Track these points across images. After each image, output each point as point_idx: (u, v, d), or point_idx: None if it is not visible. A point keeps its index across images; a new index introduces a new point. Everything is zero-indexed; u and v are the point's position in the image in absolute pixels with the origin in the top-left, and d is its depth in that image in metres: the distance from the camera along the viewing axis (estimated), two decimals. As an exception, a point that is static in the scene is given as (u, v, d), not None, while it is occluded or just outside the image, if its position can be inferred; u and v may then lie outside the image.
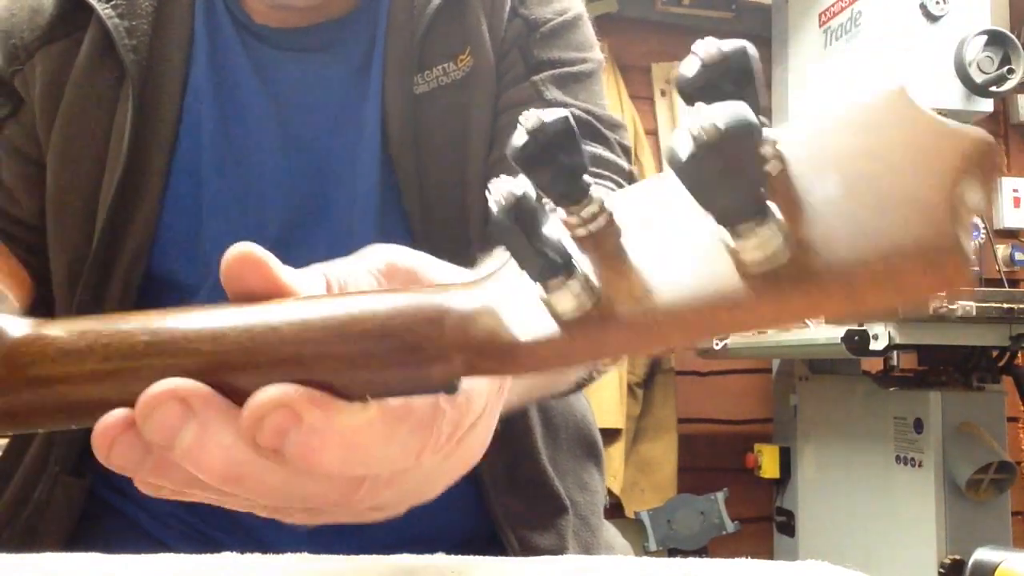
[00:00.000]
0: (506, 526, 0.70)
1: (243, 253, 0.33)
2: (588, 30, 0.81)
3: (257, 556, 0.46)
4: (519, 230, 0.26)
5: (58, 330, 0.33)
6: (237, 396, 0.31)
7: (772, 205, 0.23)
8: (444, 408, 0.31)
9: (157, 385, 0.30)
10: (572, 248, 0.27)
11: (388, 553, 0.48)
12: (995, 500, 1.92)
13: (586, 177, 0.27)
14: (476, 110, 0.73)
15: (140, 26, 0.72)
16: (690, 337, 0.25)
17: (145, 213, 0.70)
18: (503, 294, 0.31)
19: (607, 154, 0.75)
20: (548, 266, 0.27)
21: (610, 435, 2.36)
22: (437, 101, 0.72)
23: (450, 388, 0.31)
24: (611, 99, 2.39)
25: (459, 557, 0.47)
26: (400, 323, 0.30)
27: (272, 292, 0.33)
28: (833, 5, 2.34)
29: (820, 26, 2.40)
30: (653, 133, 2.74)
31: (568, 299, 0.27)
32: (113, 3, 0.72)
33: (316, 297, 0.33)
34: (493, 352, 0.29)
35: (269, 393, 0.30)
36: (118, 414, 0.31)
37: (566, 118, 0.26)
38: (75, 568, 0.46)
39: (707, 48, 0.24)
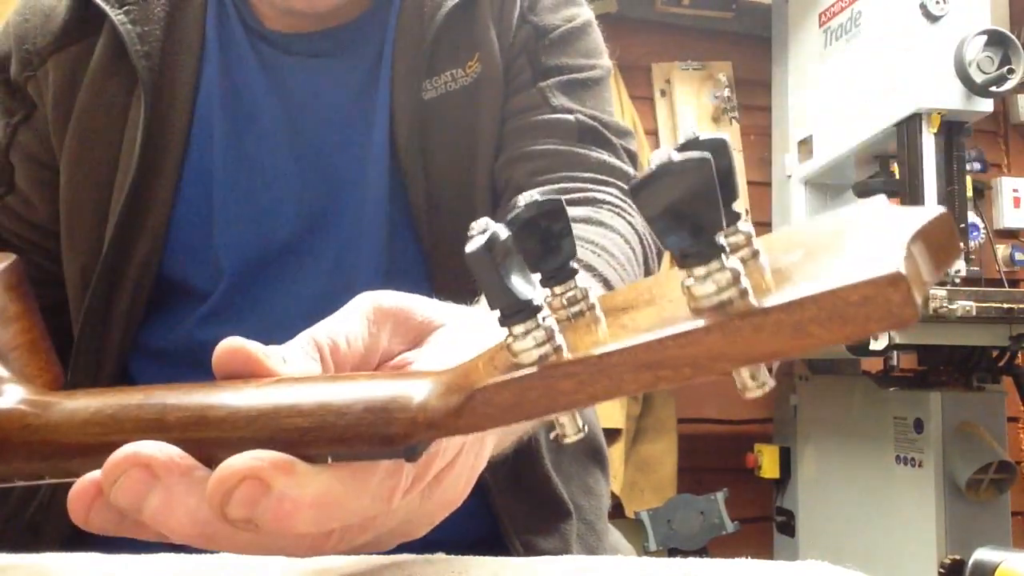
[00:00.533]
0: (510, 530, 0.70)
1: (232, 348, 0.34)
2: (597, 37, 0.81)
3: (257, 556, 0.46)
4: (491, 264, 0.27)
5: (54, 398, 0.35)
6: (207, 460, 0.31)
7: (728, 251, 0.24)
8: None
9: (119, 452, 0.31)
10: (540, 300, 0.27)
11: (389, 554, 0.48)
12: (995, 500, 1.92)
13: (573, 264, 0.27)
14: (484, 116, 0.73)
15: (152, 32, 0.72)
16: (643, 377, 0.26)
17: (156, 217, 0.71)
18: (475, 343, 0.32)
19: (612, 160, 0.75)
20: (513, 307, 0.27)
21: (610, 435, 2.36)
22: (445, 107, 0.72)
23: (410, 455, 0.31)
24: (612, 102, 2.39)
25: (460, 557, 0.47)
26: (365, 407, 0.31)
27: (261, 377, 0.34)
28: (833, 5, 2.34)
29: (820, 26, 2.40)
30: (653, 133, 2.74)
31: (528, 344, 0.27)
32: (126, 9, 0.72)
33: (289, 380, 0.33)
34: (453, 425, 0.30)
35: (235, 464, 0.30)
36: (90, 480, 0.31)
37: (559, 200, 0.27)
38: (75, 568, 0.46)
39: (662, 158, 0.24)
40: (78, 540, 0.70)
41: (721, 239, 0.24)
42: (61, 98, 0.73)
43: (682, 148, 0.24)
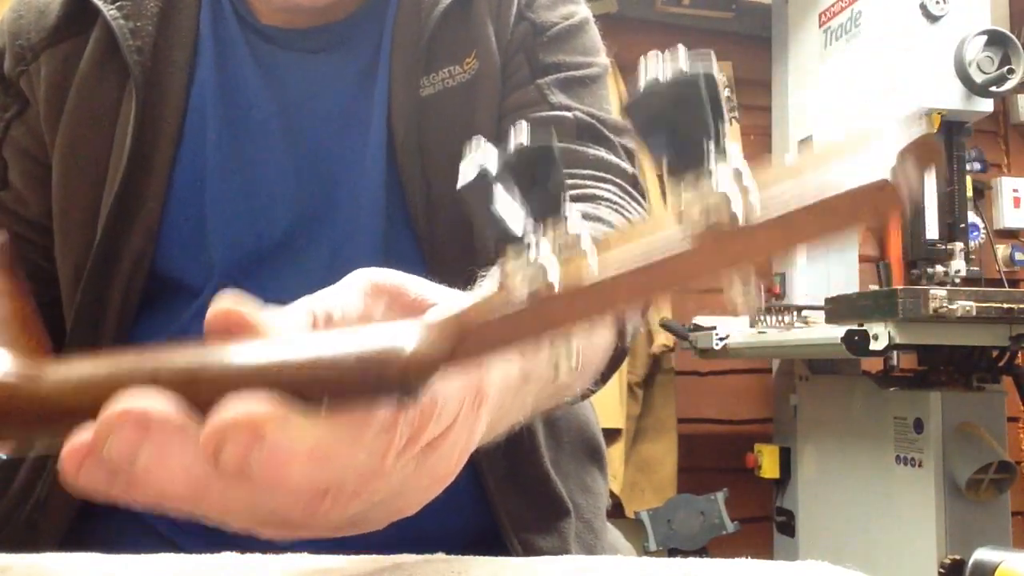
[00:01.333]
0: (509, 528, 0.70)
1: (225, 310, 0.34)
2: (594, 34, 0.81)
3: (257, 556, 0.46)
4: (483, 197, 0.28)
5: (46, 365, 0.35)
6: (201, 412, 0.31)
7: (718, 165, 0.25)
8: (405, 407, 0.32)
9: (114, 406, 0.30)
10: (532, 239, 0.28)
11: (389, 554, 0.48)
12: (995, 500, 1.92)
13: (566, 204, 0.28)
14: (481, 113, 0.73)
15: (145, 27, 0.72)
16: (635, 294, 0.27)
17: (148, 214, 0.70)
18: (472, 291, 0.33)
19: (610, 157, 0.75)
20: (505, 235, 0.28)
21: (610, 435, 2.36)
22: (442, 103, 0.72)
23: (406, 394, 0.31)
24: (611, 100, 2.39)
25: (459, 557, 0.47)
26: (358, 357, 0.31)
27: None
28: (833, 5, 2.34)
29: (820, 26, 2.40)
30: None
31: (520, 279, 0.28)
32: (118, 4, 0.72)
33: (281, 338, 0.34)
34: (447, 361, 0.30)
35: (229, 412, 0.30)
36: (83, 437, 0.31)
37: (549, 144, 0.28)
38: (74, 567, 0.46)
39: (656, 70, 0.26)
40: (76, 539, 0.70)
41: (712, 161, 0.25)
42: (53, 93, 0.73)
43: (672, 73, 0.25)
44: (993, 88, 1.94)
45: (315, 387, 0.31)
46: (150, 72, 0.71)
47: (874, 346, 1.77)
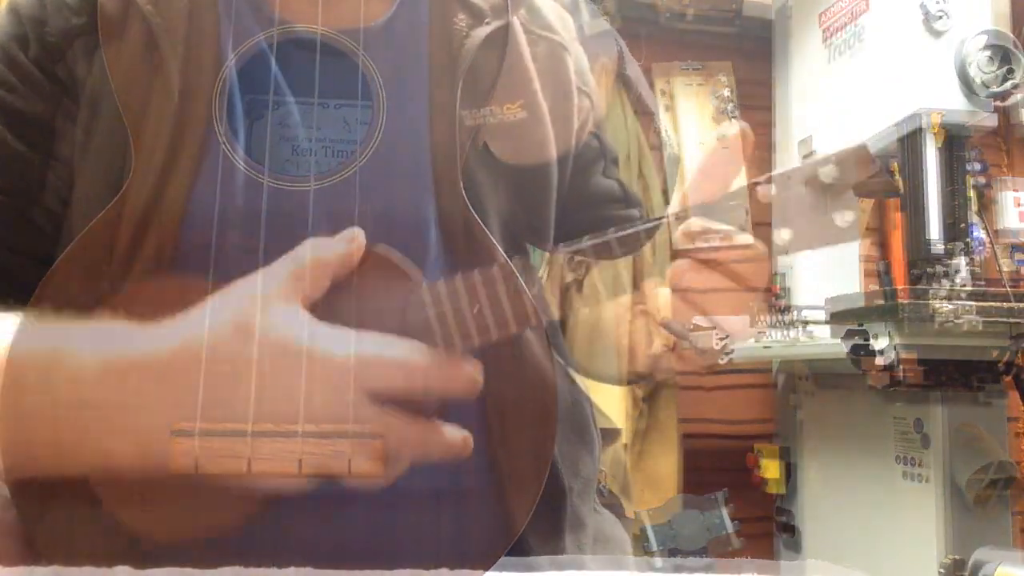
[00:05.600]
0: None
1: None
2: None
3: (260, 571, 0.46)
4: None
5: None
6: None
7: None
8: None
9: None
10: None
11: (394, 554, 0.49)
12: (995, 500, 1.93)
13: None
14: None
15: (178, 27, 0.70)
16: None
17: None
18: None
19: None
20: None
21: (610, 434, 2.36)
22: (480, 136, 0.72)
23: None
24: (614, 114, 2.42)
25: (460, 571, 0.47)
26: None
27: None
28: (835, 18, 2.34)
29: (820, 26, 2.40)
30: (658, 148, 2.73)
31: None
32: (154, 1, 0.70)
33: None
34: None
35: None
36: None
37: None
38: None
39: None
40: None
41: None
42: (84, 82, 0.71)
43: None
44: (994, 90, 1.94)
45: None
46: (182, 75, 0.69)
47: (879, 361, 1.79)
